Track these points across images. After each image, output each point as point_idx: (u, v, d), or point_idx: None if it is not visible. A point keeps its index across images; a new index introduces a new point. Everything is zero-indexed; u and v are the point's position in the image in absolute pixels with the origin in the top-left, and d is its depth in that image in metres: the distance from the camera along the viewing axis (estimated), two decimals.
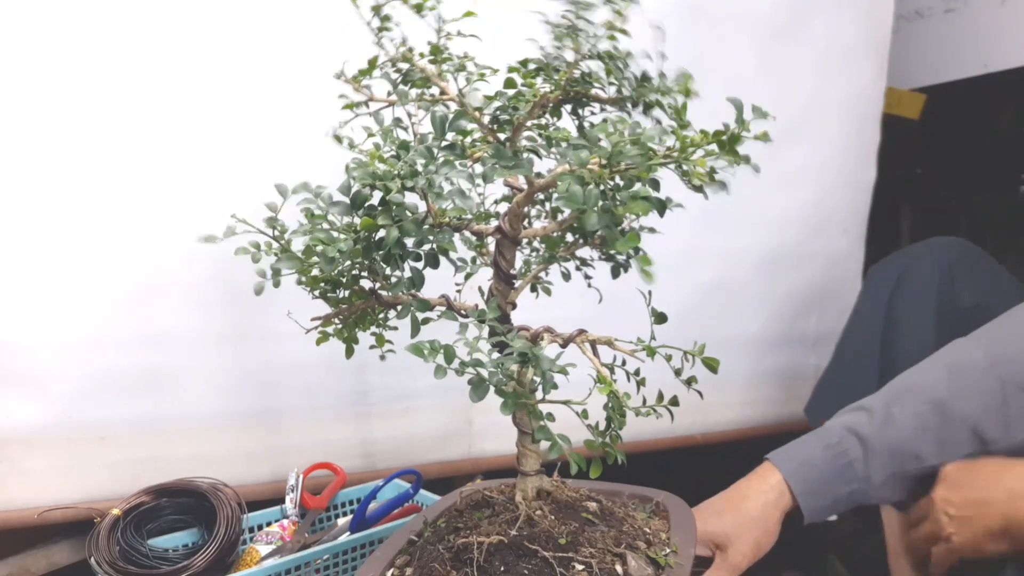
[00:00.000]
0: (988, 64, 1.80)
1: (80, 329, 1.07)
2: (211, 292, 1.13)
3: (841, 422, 0.90)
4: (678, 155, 0.50)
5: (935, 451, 0.85)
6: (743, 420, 1.59)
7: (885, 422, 0.87)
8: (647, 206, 0.51)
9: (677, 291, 1.46)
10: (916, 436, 0.85)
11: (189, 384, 1.15)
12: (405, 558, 0.70)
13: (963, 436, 0.85)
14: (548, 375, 0.55)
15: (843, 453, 0.86)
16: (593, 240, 0.68)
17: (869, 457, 0.86)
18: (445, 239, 0.60)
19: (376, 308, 0.70)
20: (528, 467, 0.69)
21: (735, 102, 0.49)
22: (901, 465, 0.86)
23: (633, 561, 0.63)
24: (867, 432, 0.87)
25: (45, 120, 1.03)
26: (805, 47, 1.52)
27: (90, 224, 1.06)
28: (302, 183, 0.60)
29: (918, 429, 0.86)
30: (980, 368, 0.87)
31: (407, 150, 0.55)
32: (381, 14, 0.64)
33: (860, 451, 0.86)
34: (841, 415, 0.92)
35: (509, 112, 0.59)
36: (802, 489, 0.86)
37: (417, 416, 1.30)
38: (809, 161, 1.56)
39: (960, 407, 0.85)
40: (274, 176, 0.64)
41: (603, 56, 0.59)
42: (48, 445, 1.08)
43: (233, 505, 1.01)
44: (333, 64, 0.68)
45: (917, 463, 0.86)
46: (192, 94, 1.09)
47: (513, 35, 0.66)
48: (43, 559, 1.12)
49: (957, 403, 0.86)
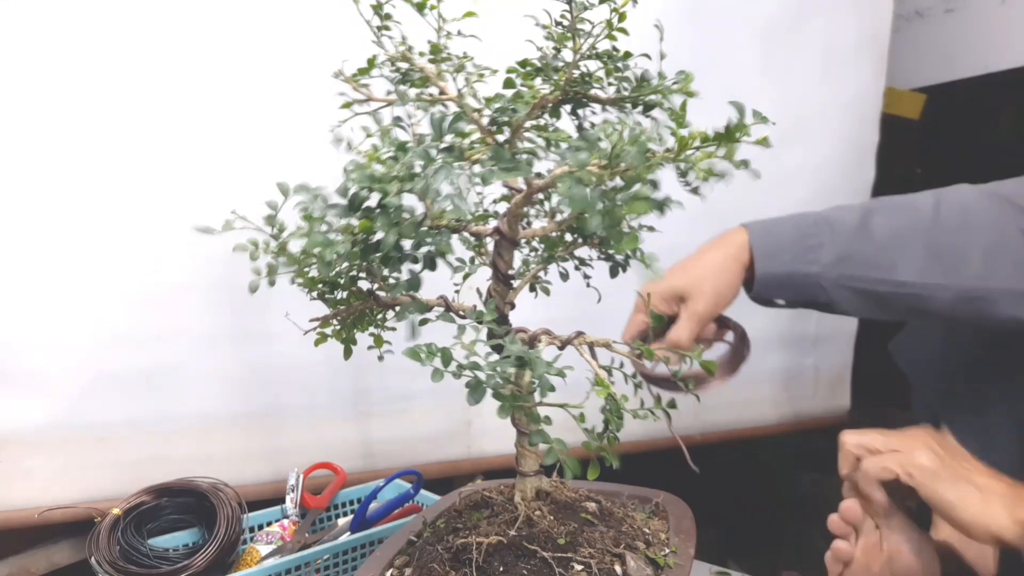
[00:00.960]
0: (988, 64, 1.80)
1: (80, 329, 1.07)
2: (211, 293, 1.13)
3: (822, 211, 0.90)
4: (675, 154, 0.50)
5: (900, 268, 0.84)
6: (743, 420, 1.59)
7: (862, 224, 0.86)
8: (647, 206, 0.51)
9: None
10: (886, 247, 0.84)
11: (189, 384, 1.15)
12: (404, 558, 0.70)
13: (933, 265, 0.84)
14: (544, 378, 0.55)
15: (811, 235, 0.86)
16: (592, 240, 0.68)
17: (834, 246, 0.85)
18: (443, 241, 0.60)
19: (374, 309, 0.70)
20: (527, 467, 0.69)
21: (737, 105, 0.49)
22: (862, 270, 0.85)
23: (632, 561, 0.63)
24: (840, 226, 0.86)
25: (46, 121, 1.03)
26: (804, 47, 1.51)
27: (91, 225, 1.06)
28: (301, 184, 0.60)
29: (891, 240, 0.85)
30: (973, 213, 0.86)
31: (405, 151, 0.55)
32: (382, 12, 0.63)
33: (828, 237, 0.86)
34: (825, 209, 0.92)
35: (508, 114, 0.59)
36: (761, 252, 0.87)
37: (416, 416, 1.30)
38: (808, 161, 1.56)
39: (940, 236, 0.84)
40: (274, 177, 0.64)
41: (602, 56, 0.60)
42: (48, 445, 1.08)
43: (233, 505, 1.01)
44: (333, 64, 0.68)
45: (878, 273, 0.85)
46: (193, 96, 1.09)
47: (513, 36, 0.66)
48: (43, 559, 1.13)
49: (938, 232, 0.85)
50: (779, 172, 1.53)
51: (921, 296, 0.85)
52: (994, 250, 0.84)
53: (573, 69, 0.59)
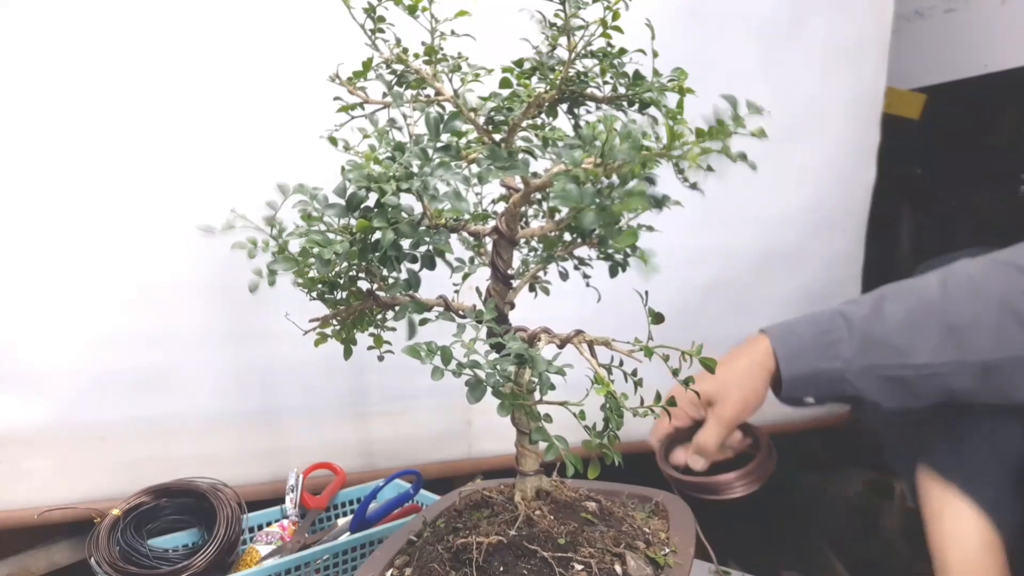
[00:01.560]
0: (988, 64, 1.80)
1: (80, 329, 1.07)
2: (211, 293, 1.13)
3: (835, 307, 0.92)
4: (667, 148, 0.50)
5: (918, 350, 0.85)
6: None
7: (875, 312, 0.88)
8: (643, 202, 0.51)
9: (675, 291, 1.45)
10: (902, 331, 0.86)
11: (189, 384, 1.15)
12: (404, 558, 0.70)
13: (948, 342, 0.85)
14: (545, 376, 0.55)
15: (829, 331, 0.88)
16: (591, 239, 0.68)
17: (852, 339, 0.87)
18: (441, 240, 0.60)
19: (374, 309, 0.70)
20: (527, 467, 0.69)
21: (729, 99, 0.49)
22: (883, 357, 0.86)
23: (632, 561, 0.63)
24: (856, 318, 0.88)
25: (46, 122, 1.03)
26: (805, 47, 1.51)
27: (91, 225, 1.06)
28: (299, 184, 0.60)
29: (905, 324, 0.86)
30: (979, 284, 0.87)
31: (402, 151, 0.55)
32: (375, 15, 0.64)
33: (846, 332, 0.87)
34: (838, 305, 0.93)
35: (504, 113, 0.59)
36: (784, 355, 0.88)
37: (416, 416, 1.30)
38: (808, 161, 1.56)
39: (952, 312, 0.85)
40: (273, 178, 0.64)
41: (597, 54, 0.60)
42: (48, 445, 1.08)
43: (233, 505, 1.01)
44: (329, 66, 0.68)
45: (898, 358, 0.86)
46: (191, 97, 1.09)
47: (508, 34, 0.66)
48: (43, 559, 1.13)
49: (949, 308, 0.86)
50: (779, 172, 1.53)
51: (943, 375, 0.86)
52: (1004, 317, 0.84)
53: (569, 68, 0.59)
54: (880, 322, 0.87)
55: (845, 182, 1.63)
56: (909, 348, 0.86)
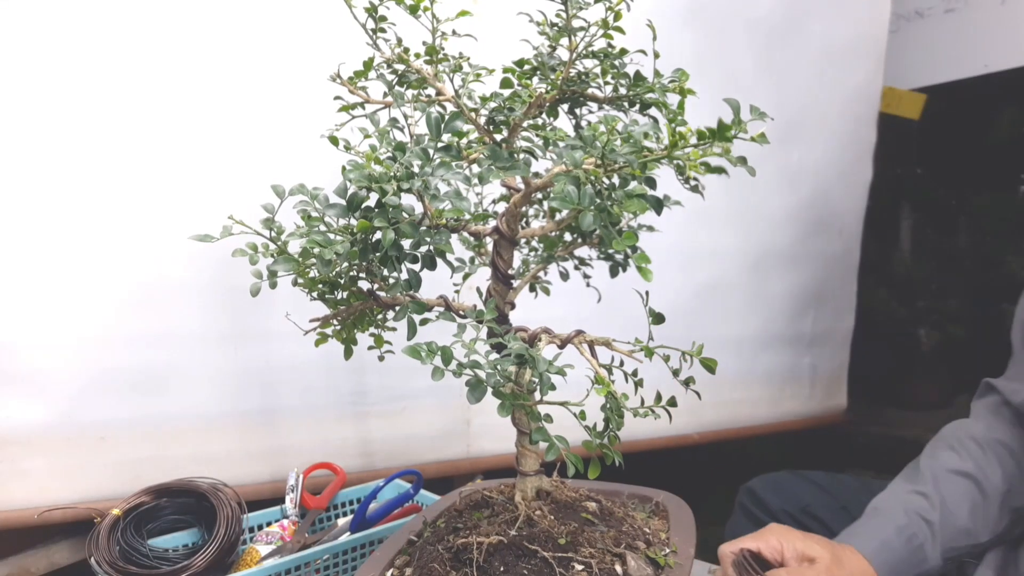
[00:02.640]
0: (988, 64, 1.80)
1: (80, 329, 1.07)
2: (211, 293, 1.13)
3: (905, 506, 0.96)
4: (668, 151, 0.50)
5: (982, 527, 0.94)
6: (739, 419, 1.59)
7: (943, 505, 0.94)
8: (643, 204, 0.51)
9: (675, 291, 1.46)
10: (970, 514, 0.94)
11: (189, 384, 1.15)
12: (405, 558, 0.70)
13: (1000, 510, 0.94)
14: (545, 376, 0.55)
15: (914, 536, 0.93)
16: (591, 239, 0.68)
17: (936, 540, 0.93)
18: (442, 240, 0.60)
19: (374, 309, 0.70)
20: (527, 467, 0.69)
21: (732, 103, 0.49)
22: (956, 542, 0.94)
23: (632, 561, 0.63)
24: (932, 517, 0.94)
25: (47, 123, 1.03)
26: (802, 48, 1.52)
27: (91, 225, 1.06)
28: (299, 185, 0.60)
29: (970, 508, 0.94)
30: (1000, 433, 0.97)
31: (403, 151, 0.55)
32: (376, 15, 0.63)
33: (928, 535, 0.93)
34: (899, 494, 0.98)
35: (505, 113, 0.59)
36: (886, 571, 0.92)
37: (416, 416, 1.30)
38: (805, 161, 1.57)
39: (992, 479, 0.94)
40: (273, 178, 0.64)
41: (598, 54, 0.59)
42: (48, 445, 1.08)
43: (233, 505, 1.01)
44: (330, 66, 0.68)
45: (968, 539, 0.94)
46: (190, 97, 1.09)
47: (509, 34, 0.66)
48: (43, 559, 1.13)
49: (990, 475, 0.95)
50: (777, 172, 1.53)
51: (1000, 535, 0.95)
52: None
53: (570, 68, 0.59)
54: (949, 512, 0.94)
55: (841, 182, 1.63)
56: (977, 530, 0.94)
